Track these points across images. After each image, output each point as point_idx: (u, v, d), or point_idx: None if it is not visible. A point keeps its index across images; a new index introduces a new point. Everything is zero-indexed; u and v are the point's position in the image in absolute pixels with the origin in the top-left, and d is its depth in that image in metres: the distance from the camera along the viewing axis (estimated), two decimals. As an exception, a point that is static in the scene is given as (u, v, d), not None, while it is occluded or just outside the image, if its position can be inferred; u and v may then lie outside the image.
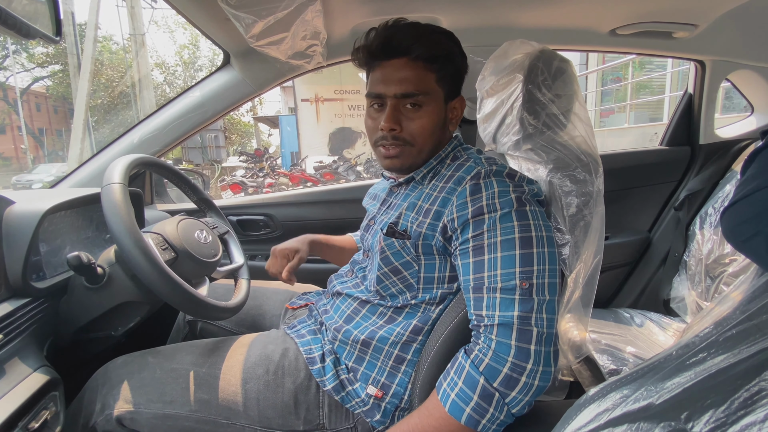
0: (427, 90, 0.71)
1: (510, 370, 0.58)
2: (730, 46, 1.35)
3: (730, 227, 0.47)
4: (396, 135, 0.72)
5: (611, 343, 1.19)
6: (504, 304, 0.60)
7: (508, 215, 0.63)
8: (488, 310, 0.61)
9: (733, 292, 0.50)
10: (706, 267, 1.33)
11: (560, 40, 1.31)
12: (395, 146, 0.73)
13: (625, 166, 1.52)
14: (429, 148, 0.75)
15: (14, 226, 0.74)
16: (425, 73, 0.70)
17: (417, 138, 0.72)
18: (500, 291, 0.60)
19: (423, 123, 0.72)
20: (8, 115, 18.09)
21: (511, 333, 0.59)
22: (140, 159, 0.86)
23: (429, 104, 0.71)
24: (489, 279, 0.61)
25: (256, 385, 0.75)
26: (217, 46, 1.18)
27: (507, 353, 0.58)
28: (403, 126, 0.72)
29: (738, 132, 1.57)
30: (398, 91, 0.70)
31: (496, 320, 0.60)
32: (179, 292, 0.72)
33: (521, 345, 0.58)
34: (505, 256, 0.61)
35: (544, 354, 0.59)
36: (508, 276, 0.60)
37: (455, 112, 0.77)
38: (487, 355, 0.59)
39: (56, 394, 0.69)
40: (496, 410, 0.58)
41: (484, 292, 0.62)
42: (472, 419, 0.58)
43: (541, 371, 0.58)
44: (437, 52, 0.70)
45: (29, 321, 0.73)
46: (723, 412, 0.31)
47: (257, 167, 8.94)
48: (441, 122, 0.74)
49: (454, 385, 0.60)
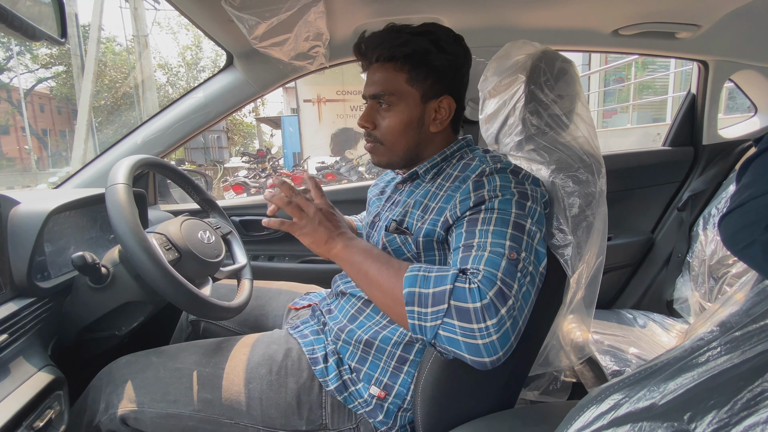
0: (394, 91, 0.73)
1: (473, 311, 0.53)
2: (734, 46, 1.35)
3: (728, 235, 0.47)
4: (368, 132, 0.78)
5: (614, 344, 1.19)
6: (490, 261, 0.57)
7: (509, 201, 0.63)
8: (474, 263, 0.58)
9: (737, 293, 0.50)
10: (709, 268, 1.32)
11: (563, 40, 1.31)
12: (369, 143, 0.79)
13: (628, 166, 1.52)
14: (402, 147, 0.77)
15: (19, 226, 0.74)
16: (394, 75, 0.73)
17: (386, 136, 0.76)
18: (489, 252, 0.58)
19: (391, 122, 0.75)
20: (12, 116, 18.17)
21: (492, 287, 0.54)
22: (144, 160, 0.86)
23: (399, 104, 0.74)
24: (479, 243, 0.60)
25: (259, 385, 0.75)
26: (220, 47, 1.19)
27: (481, 298, 0.54)
28: (376, 124, 0.76)
29: (741, 132, 1.56)
30: (368, 92, 0.76)
31: (481, 272, 0.56)
32: (183, 292, 0.72)
33: (495, 302, 0.53)
34: (497, 230, 0.61)
35: (505, 329, 0.53)
36: (498, 244, 0.59)
37: (442, 113, 0.76)
38: (468, 284, 0.55)
39: (61, 393, 0.69)
40: (432, 315, 0.55)
41: (472, 251, 0.60)
42: (411, 298, 0.56)
43: (491, 341, 0.52)
44: (397, 52, 0.72)
45: (34, 320, 0.74)
46: (726, 413, 0.31)
47: (260, 168, 8.95)
48: (414, 122, 0.75)
49: (429, 271, 0.58)
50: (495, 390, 0.70)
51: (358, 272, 0.64)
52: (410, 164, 0.80)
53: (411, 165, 0.80)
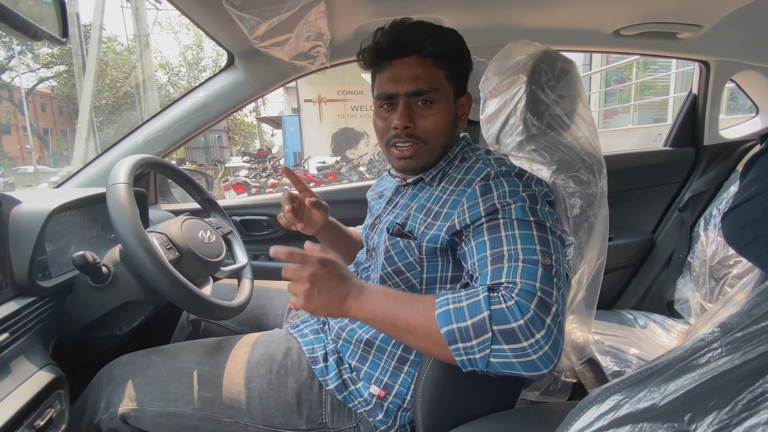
0: (438, 87, 0.71)
1: (519, 329, 0.51)
2: (735, 46, 1.34)
3: (731, 231, 0.47)
4: (410, 132, 0.71)
5: (614, 344, 1.18)
6: (526, 272, 0.55)
7: (522, 208, 0.62)
8: (509, 277, 0.55)
9: (738, 294, 0.50)
10: (710, 269, 1.32)
11: (564, 40, 1.31)
12: (410, 145, 0.72)
13: (629, 167, 1.51)
14: (441, 146, 0.74)
15: (21, 225, 0.74)
16: (435, 70, 0.71)
17: (430, 135, 0.72)
18: (522, 261, 0.56)
19: (436, 120, 0.71)
20: (13, 116, 18.21)
21: (533, 299, 0.53)
22: (145, 159, 0.86)
23: (440, 101, 0.71)
24: (509, 252, 0.57)
25: (259, 384, 0.75)
26: (221, 47, 1.19)
27: (524, 313, 0.52)
28: (416, 123, 0.71)
29: (743, 133, 1.56)
30: (410, 88, 0.70)
31: (518, 285, 0.54)
32: (183, 291, 0.72)
33: (540, 313, 0.52)
34: (523, 234, 0.59)
35: (554, 336, 0.52)
36: (529, 251, 0.57)
37: (463, 109, 0.77)
38: (505, 303, 0.53)
39: (61, 392, 0.70)
40: (479, 346, 0.52)
41: (504, 262, 0.57)
42: (452, 335, 0.53)
43: (545, 351, 0.51)
44: (446, 48, 0.71)
45: (35, 320, 0.74)
46: (726, 414, 0.31)
47: (260, 168, 8.95)
48: (452, 119, 0.75)
49: (458, 301, 0.55)
50: (495, 390, 0.70)
51: (383, 324, 0.58)
52: None
53: None
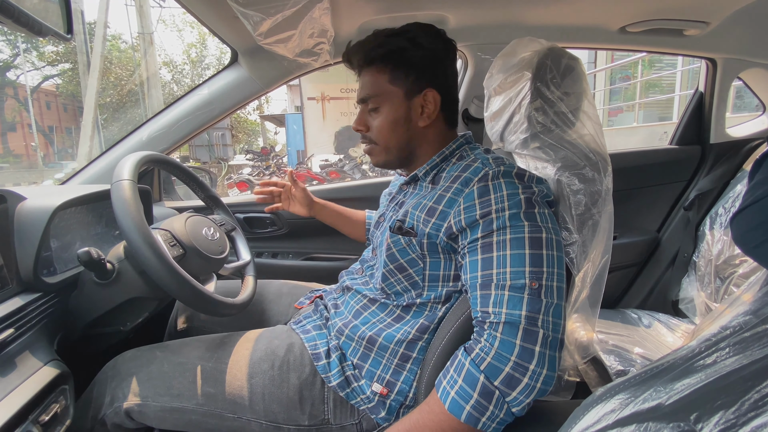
0: (378, 92, 0.76)
1: (512, 370, 0.57)
2: (742, 44, 1.33)
3: (740, 233, 0.47)
4: (364, 134, 0.81)
5: (619, 343, 1.18)
6: (512, 301, 0.59)
7: (518, 216, 0.62)
8: (495, 307, 0.60)
9: (744, 293, 0.49)
10: (715, 268, 1.31)
11: (569, 37, 1.30)
12: (366, 145, 0.82)
13: (635, 165, 1.50)
14: (395, 145, 0.79)
15: (26, 221, 0.75)
16: (377, 77, 0.76)
17: (378, 137, 0.79)
18: (509, 288, 0.60)
19: (381, 122, 0.77)
20: (19, 113, 18.32)
21: (517, 332, 0.58)
22: (149, 156, 0.86)
23: (384, 104, 0.77)
24: (498, 276, 0.61)
25: (262, 380, 0.75)
26: (225, 44, 1.19)
27: (510, 352, 0.57)
28: (369, 127, 0.80)
29: (749, 131, 1.54)
30: (358, 97, 0.80)
31: (502, 317, 0.58)
32: (187, 288, 0.73)
33: (526, 345, 0.57)
34: (514, 254, 0.61)
35: (548, 357, 0.57)
36: (517, 274, 0.60)
37: (428, 107, 0.76)
38: (489, 354, 0.58)
39: (66, 387, 0.70)
40: (497, 408, 0.57)
41: (492, 288, 0.61)
42: (472, 417, 0.57)
43: (544, 374, 0.57)
44: (382, 52, 0.74)
45: (40, 315, 0.74)
46: (733, 414, 0.30)
47: (263, 165, 8.97)
48: (402, 119, 0.76)
49: (454, 383, 0.59)
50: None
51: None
52: (407, 162, 0.81)
53: (408, 163, 0.81)
